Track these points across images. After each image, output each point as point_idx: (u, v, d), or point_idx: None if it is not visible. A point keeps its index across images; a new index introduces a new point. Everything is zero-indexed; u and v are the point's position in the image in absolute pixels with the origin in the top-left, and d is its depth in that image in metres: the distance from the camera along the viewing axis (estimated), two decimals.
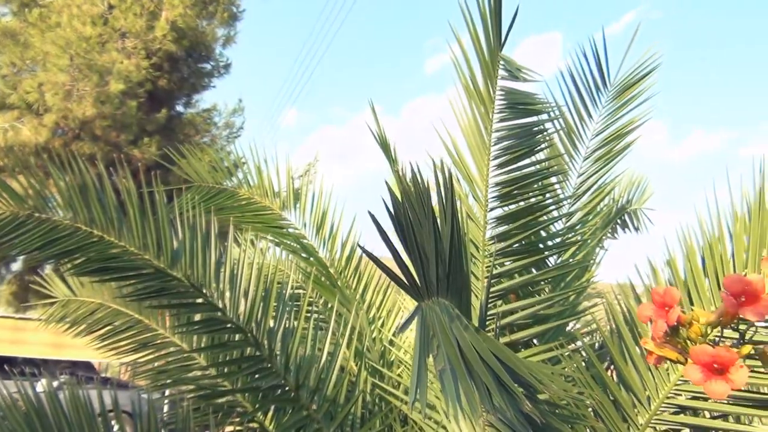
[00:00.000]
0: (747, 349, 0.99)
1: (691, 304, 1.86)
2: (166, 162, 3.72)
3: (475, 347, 1.02)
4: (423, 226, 1.02)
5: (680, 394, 1.98)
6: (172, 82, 12.69)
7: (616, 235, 3.48)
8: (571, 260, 2.74)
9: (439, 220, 1.17)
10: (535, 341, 2.67)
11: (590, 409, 2.12)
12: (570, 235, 2.66)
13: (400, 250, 1.10)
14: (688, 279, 1.84)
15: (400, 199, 1.06)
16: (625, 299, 2.14)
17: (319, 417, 2.35)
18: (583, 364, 2.32)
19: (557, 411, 1.81)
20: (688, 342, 1.01)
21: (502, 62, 1.74)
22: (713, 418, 2.05)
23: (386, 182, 1.02)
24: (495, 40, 1.72)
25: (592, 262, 3.01)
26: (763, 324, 1.75)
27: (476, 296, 2.40)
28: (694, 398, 1.96)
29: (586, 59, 2.64)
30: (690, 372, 0.96)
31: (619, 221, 3.46)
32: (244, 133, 14.49)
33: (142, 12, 11.90)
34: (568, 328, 2.90)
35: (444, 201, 1.20)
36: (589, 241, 2.91)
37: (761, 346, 1.05)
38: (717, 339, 1.05)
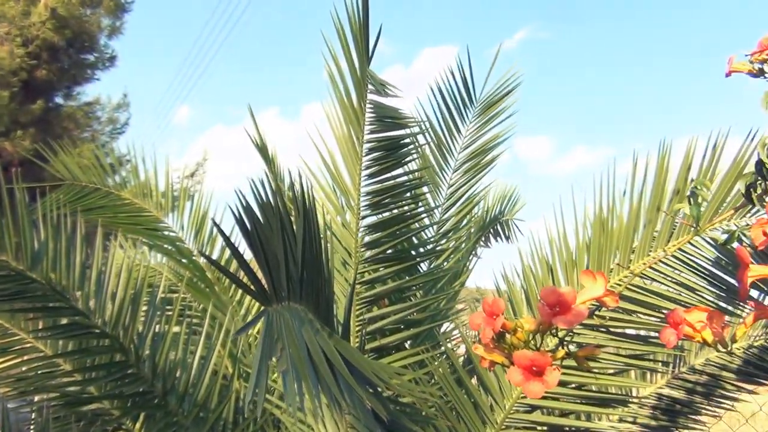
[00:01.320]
0: (561, 353, 1.11)
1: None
2: (39, 158, 3.53)
3: (323, 350, 1.07)
4: (273, 230, 1.07)
5: None
6: (50, 72, 11.96)
7: (489, 243, 3.67)
8: (442, 267, 2.87)
9: (295, 225, 1.22)
10: (408, 345, 2.78)
11: (453, 411, 2.24)
12: (442, 243, 2.80)
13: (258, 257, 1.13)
14: (538, 285, 2.00)
15: (250, 203, 1.09)
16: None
17: (188, 423, 2.33)
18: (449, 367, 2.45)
19: (408, 411, 1.91)
20: (512, 347, 1.12)
21: (370, 78, 1.82)
22: (561, 415, 2.22)
23: (236, 190, 1.06)
24: (363, 56, 1.79)
25: (464, 268, 3.16)
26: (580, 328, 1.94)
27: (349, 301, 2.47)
28: (543, 398, 2.12)
29: (454, 77, 2.79)
30: (512, 374, 1.06)
31: (491, 231, 3.65)
32: (129, 129, 13.90)
33: None
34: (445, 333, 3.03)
35: (299, 206, 1.25)
36: (461, 248, 3.06)
37: (575, 350, 1.17)
38: (567, 343, 1.16)
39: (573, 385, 2.11)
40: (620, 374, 2.20)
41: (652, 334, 1.93)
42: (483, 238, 3.60)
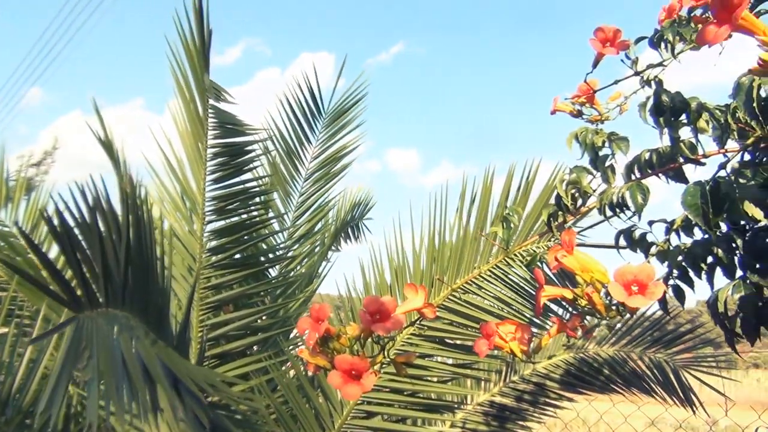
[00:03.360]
0: (380, 358, 1.17)
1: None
2: None
3: (142, 357, 1.06)
4: (92, 233, 1.03)
5: (369, 401, 2.22)
6: None
7: (339, 247, 3.73)
8: (291, 272, 2.89)
9: (122, 232, 1.19)
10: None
11: (294, 418, 2.26)
12: (292, 249, 2.82)
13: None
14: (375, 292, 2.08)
15: (72, 207, 1.06)
16: (335, 310, 2.33)
17: (10, 430, 2.17)
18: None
19: (239, 417, 1.91)
20: (336, 351, 1.16)
21: (209, 85, 1.81)
22: (397, 421, 2.32)
23: (52, 195, 1.02)
24: (202, 65, 1.79)
25: (316, 273, 3.20)
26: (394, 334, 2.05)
27: (192, 308, 2.42)
28: (378, 404, 2.20)
29: (301, 89, 2.85)
30: (332, 377, 1.10)
31: (342, 234, 3.72)
32: None
33: None
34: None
35: (129, 210, 1.22)
36: (314, 252, 3.10)
37: (394, 357, 1.23)
38: (389, 349, 1.22)
39: (408, 392, 2.21)
40: (452, 382, 2.33)
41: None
42: (334, 244, 3.65)
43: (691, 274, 1.23)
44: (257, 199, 2.34)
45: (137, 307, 1.24)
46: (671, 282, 1.27)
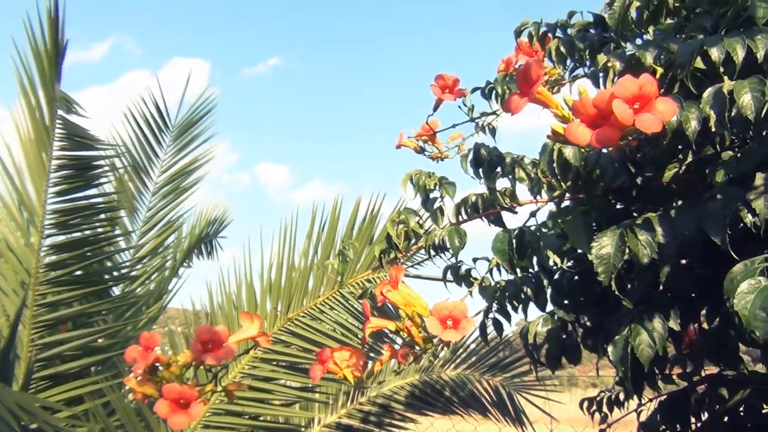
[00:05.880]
0: (210, 386, 1.18)
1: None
2: None
3: None
4: None
5: (209, 425, 2.19)
6: None
7: (191, 264, 3.63)
8: (136, 291, 2.79)
9: None
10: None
11: None
12: (138, 267, 2.72)
13: None
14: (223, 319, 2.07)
15: None
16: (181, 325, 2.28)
17: None
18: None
19: None
20: (165, 380, 1.15)
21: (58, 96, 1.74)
22: None
23: None
24: (54, 73, 1.72)
25: (164, 290, 3.10)
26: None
27: (23, 325, 2.27)
28: (219, 428, 2.18)
29: (145, 102, 2.80)
30: (159, 406, 1.09)
31: (196, 251, 3.62)
32: None
33: None
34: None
35: None
36: (163, 268, 3.00)
37: (226, 385, 1.24)
38: (221, 377, 1.22)
39: (251, 416, 2.20)
40: (299, 405, 2.36)
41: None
42: (186, 260, 3.55)
43: (509, 307, 1.36)
44: (103, 215, 2.25)
45: None
46: (491, 315, 1.39)
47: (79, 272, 2.36)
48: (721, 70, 0.86)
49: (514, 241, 1.02)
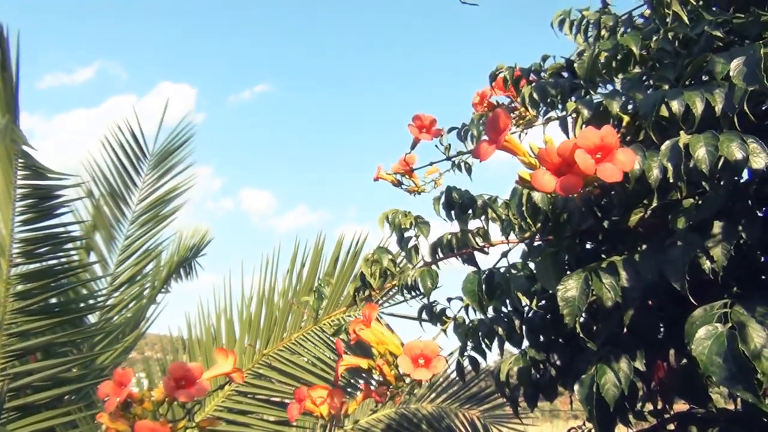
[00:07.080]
0: (183, 423, 1.17)
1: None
2: None
3: None
4: None
5: None
6: None
7: (169, 288, 3.60)
8: (114, 318, 2.77)
9: None
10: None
11: None
12: (115, 295, 2.70)
13: None
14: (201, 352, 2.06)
15: None
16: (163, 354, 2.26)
17: None
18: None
19: None
20: (137, 417, 1.15)
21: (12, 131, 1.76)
22: None
23: None
24: (12, 111, 1.74)
25: (142, 317, 3.07)
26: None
27: None
28: None
29: (121, 131, 2.81)
30: None
31: (174, 276, 3.60)
32: None
33: None
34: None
35: None
36: (141, 296, 2.98)
37: (199, 420, 1.24)
38: (195, 413, 1.21)
39: None
40: None
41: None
42: (165, 285, 3.53)
43: (483, 345, 1.38)
44: (77, 243, 2.24)
45: None
46: (467, 353, 1.41)
47: (53, 300, 2.34)
48: (681, 121, 0.89)
49: (483, 282, 1.04)
